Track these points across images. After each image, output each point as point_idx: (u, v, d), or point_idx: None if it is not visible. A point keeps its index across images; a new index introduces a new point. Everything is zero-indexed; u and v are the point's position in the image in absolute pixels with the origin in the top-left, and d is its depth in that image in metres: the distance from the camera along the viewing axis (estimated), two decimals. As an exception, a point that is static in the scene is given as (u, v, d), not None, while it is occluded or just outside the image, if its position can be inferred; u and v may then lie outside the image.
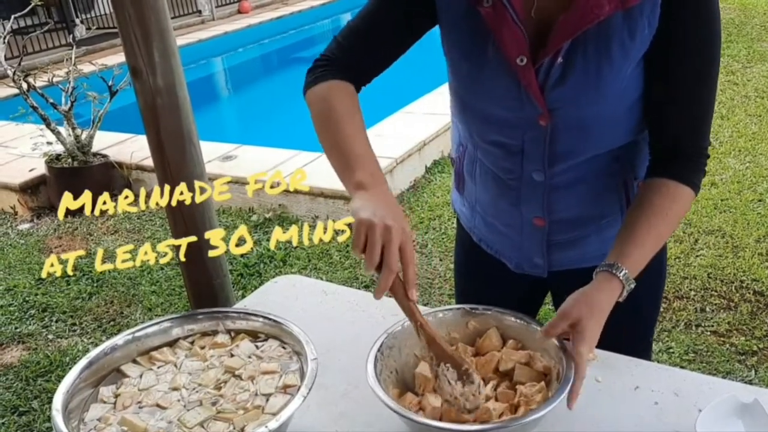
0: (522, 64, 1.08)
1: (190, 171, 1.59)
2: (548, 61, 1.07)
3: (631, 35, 1.04)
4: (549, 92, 1.10)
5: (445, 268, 3.46)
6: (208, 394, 1.09)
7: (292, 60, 9.45)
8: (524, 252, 1.33)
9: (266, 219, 4.10)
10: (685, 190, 1.11)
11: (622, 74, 1.07)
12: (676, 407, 1.13)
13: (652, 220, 1.10)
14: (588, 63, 1.06)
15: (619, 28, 1.04)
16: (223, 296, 1.73)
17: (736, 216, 3.65)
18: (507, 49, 1.09)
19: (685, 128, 1.12)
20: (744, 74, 5.90)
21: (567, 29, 1.04)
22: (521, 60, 1.08)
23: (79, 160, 4.47)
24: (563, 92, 1.09)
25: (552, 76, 1.08)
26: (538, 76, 1.09)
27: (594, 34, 1.04)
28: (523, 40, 1.07)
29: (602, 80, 1.07)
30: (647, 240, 1.10)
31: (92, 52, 8.44)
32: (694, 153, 1.13)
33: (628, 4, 1.01)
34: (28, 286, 3.59)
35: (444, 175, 4.50)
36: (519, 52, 1.08)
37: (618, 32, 1.04)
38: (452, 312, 1.21)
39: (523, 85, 1.10)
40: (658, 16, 1.03)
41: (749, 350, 2.69)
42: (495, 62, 1.11)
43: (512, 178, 1.24)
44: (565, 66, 1.07)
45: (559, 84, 1.09)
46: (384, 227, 0.97)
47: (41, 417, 2.64)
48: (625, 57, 1.06)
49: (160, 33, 1.46)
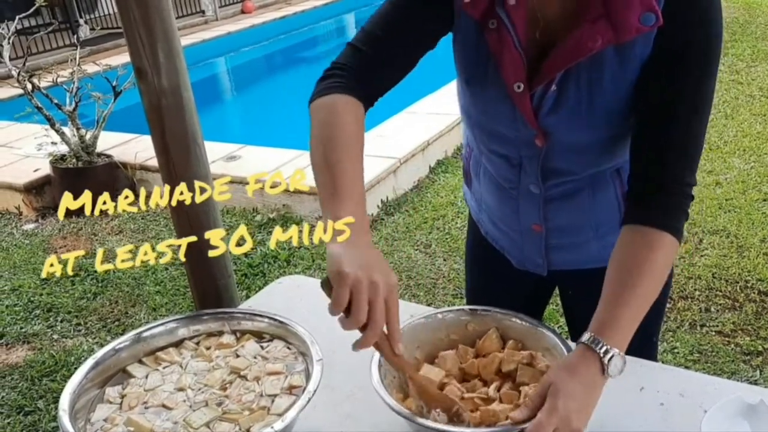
0: (518, 91, 1.09)
1: (195, 171, 1.59)
2: (542, 88, 1.08)
3: (622, 66, 1.04)
4: (543, 118, 1.11)
5: (449, 269, 3.46)
6: (214, 395, 1.10)
7: (295, 60, 9.45)
8: (525, 252, 1.35)
9: (270, 219, 4.10)
10: (665, 237, 1.00)
11: (614, 104, 1.07)
12: (681, 408, 1.13)
13: (634, 279, 0.98)
14: (580, 93, 1.07)
15: (611, 61, 1.04)
16: (228, 297, 1.73)
17: (740, 216, 3.64)
18: (506, 74, 1.09)
19: (672, 159, 1.03)
20: (748, 73, 5.89)
21: (560, 60, 1.04)
22: (518, 87, 1.09)
23: (84, 161, 4.48)
24: (557, 119, 1.10)
25: (546, 104, 1.09)
26: (533, 101, 1.09)
27: (586, 66, 1.04)
28: (521, 66, 1.07)
29: (594, 108, 1.07)
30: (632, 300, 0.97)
31: (96, 53, 8.45)
32: (676, 190, 1.03)
33: (621, 39, 1.00)
34: (33, 286, 3.60)
35: (448, 175, 4.50)
36: (516, 78, 1.08)
37: (609, 64, 1.04)
38: (452, 313, 1.22)
39: (519, 110, 1.11)
40: (650, 49, 1.01)
41: (754, 350, 2.68)
42: (495, 85, 1.12)
43: (512, 187, 1.27)
44: (558, 94, 1.08)
45: (552, 111, 1.10)
46: (370, 283, 0.89)
47: (47, 417, 2.64)
48: (616, 87, 1.05)
49: (165, 34, 1.46)
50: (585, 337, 0.95)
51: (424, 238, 3.77)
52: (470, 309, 1.21)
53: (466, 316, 1.21)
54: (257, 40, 9.88)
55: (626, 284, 0.98)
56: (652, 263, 0.99)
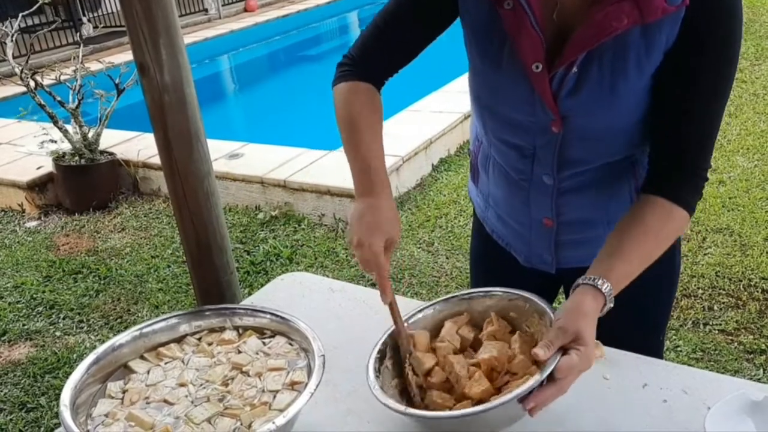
0: (537, 71, 1.08)
1: (197, 169, 1.59)
2: (563, 70, 1.07)
3: (648, 51, 1.03)
4: (562, 101, 1.09)
5: (452, 266, 3.46)
6: (216, 391, 1.09)
7: (298, 58, 9.45)
8: (533, 248, 1.33)
9: (273, 217, 4.11)
10: (680, 212, 1.07)
11: (636, 88, 1.06)
12: (685, 405, 1.12)
13: (641, 238, 1.05)
14: (602, 75, 1.06)
15: (636, 44, 1.02)
16: (230, 294, 1.73)
17: (744, 214, 3.63)
18: (523, 54, 1.08)
19: (691, 144, 1.08)
20: (752, 72, 5.87)
21: (584, 41, 1.03)
22: (537, 67, 1.07)
23: (87, 158, 4.49)
24: (576, 102, 1.09)
25: (566, 86, 1.08)
26: (552, 83, 1.08)
27: (610, 47, 1.03)
28: (540, 46, 1.06)
29: (616, 93, 1.06)
30: (634, 257, 1.05)
31: (99, 51, 8.47)
32: (694, 173, 1.09)
33: (647, 19, 0.99)
34: (35, 284, 3.61)
35: (450, 173, 4.50)
36: (535, 59, 1.07)
37: (635, 47, 1.03)
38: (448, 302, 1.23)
39: (537, 92, 1.10)
40: (677, 33, 1.01)
41: (757, 349, 2.67)
42: (511, 66, 1.11)
43: (523, 179, 1.25)
44: (579, 76, 1.07)
45: (572, 94, 1.08)
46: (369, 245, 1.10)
47: (49, 413, 2.65)
48: (640, 72, 1.05)
49: (167, 29, 1.46)
50: (591, 279, 1.02)
51: (426, 236, 3.77)
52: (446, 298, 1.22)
53: (461, 302, 1.21)
54: (260, 39, 9.88)
55: (634, 242, 1.05)
56: (660, 230, 1.07)
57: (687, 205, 1.08)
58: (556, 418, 1.02)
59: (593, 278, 1.02)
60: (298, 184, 4.08)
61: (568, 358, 0.95)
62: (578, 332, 0.97)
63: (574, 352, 0.96)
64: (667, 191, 1.08)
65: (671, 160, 1.09)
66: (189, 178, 1.58)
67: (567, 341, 0.97)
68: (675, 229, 1.09)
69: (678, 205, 1.07)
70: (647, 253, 1.06)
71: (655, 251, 1.07)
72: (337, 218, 3.98)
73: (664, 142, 1.10)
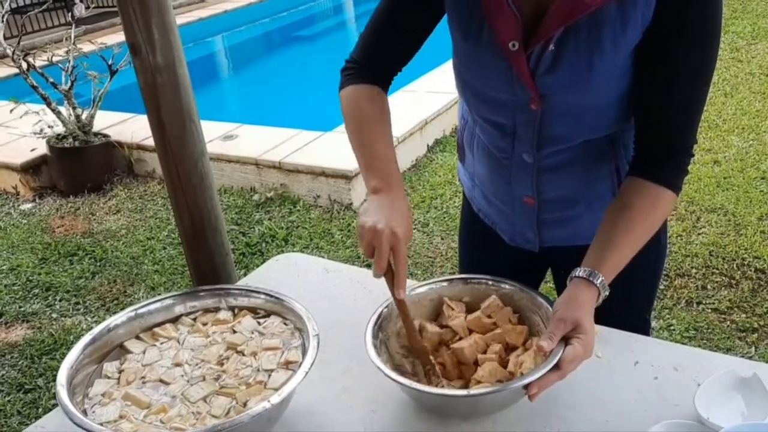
0: (514, 50, 1.08)
1: (191, 150, 1.59)
2: (540, 47, 1.07)
3: (623, 26, 1.03)
4: (540, 78, 1.10)
5: (447, 247, 3.47)
6: (211, 370, 1.10)
7: (292, 38, 9.38)
8: (517, 227, 1.35)
9: (268, 198, 4.10)
10: (666, 194, 1.09)
11: (613, 64, 1.06)
12: (675, 382, 1.14)
13: (630, 225, 1.08)
14: (579, 53, 1.06)
15: (612, 19, 1.02)
16: (225, 275, 1.73)
17: (738, 194, 3.64)
18: (500, 33, 1.09)
19: (674, 124, 1.10)
20: (748, 51, 5.85)
21: (559, 17, 1.03)
22: (513, 45, 1.08)
23: (81, 140, 4.47)
24: (554, 79, 1.09)
25: (543, 63, 1.08)
26: (530, 61, 1.09)
27: (586, 24, 1.03)
28: (516, 24, 1.07)
29: (593, 70, 1.07)
30: (625, 245, 1.08)
31: (92, 32, 8.38)
32: (678, 152, 1.11)
33: None
34: (31, 266, 3.61)
35: (446, 154, 4.49)
36: (511, 37, 1.08)
37: (610, 23, 1.03)
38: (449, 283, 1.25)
39: (515, 70, 1.10)
40: (653, 10, 1.01)
41: (750, 327, 2.70)
42: (489, 44, 1.11)
43: (505, 157, 1.26)
44: (556, 54, 1.07)
45: (550, 71, 1.09)
46: (377, 231, 1.05)
47: (46, 394, 2.66)
48: (616, 48, 1.05)
49: (159, 9, 1.45)
50: (585, 272, 1.05)
51: (421, 217, 3.77)
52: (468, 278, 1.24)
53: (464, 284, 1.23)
54: (254, 19, 9.79)
55: (623, 230, 1.08)
56: (648, 215, 1.09)
57: (673, 186, 1.10)
58: (549, 395, 1.03)
59: (586, 271, 1.05)
60: (293, 165, 4.07)
61: (572, 348, 0.99)
62: (577, 321, 1.01)
63: (576, 341, 1.00)
64: (652, 174, 1.10)
65: (655, 140, 1.11)
66: (183, 159, 1.58)
67: (567, 331, 1.01)
68: (662, 212, 1.12)
69: (664, 187, 1.09)
70: (637, 240, 1.09)
71: (644, 236, 1.10)
72: (332, 199, 3.98)
73: (647, 122, 1.11)
